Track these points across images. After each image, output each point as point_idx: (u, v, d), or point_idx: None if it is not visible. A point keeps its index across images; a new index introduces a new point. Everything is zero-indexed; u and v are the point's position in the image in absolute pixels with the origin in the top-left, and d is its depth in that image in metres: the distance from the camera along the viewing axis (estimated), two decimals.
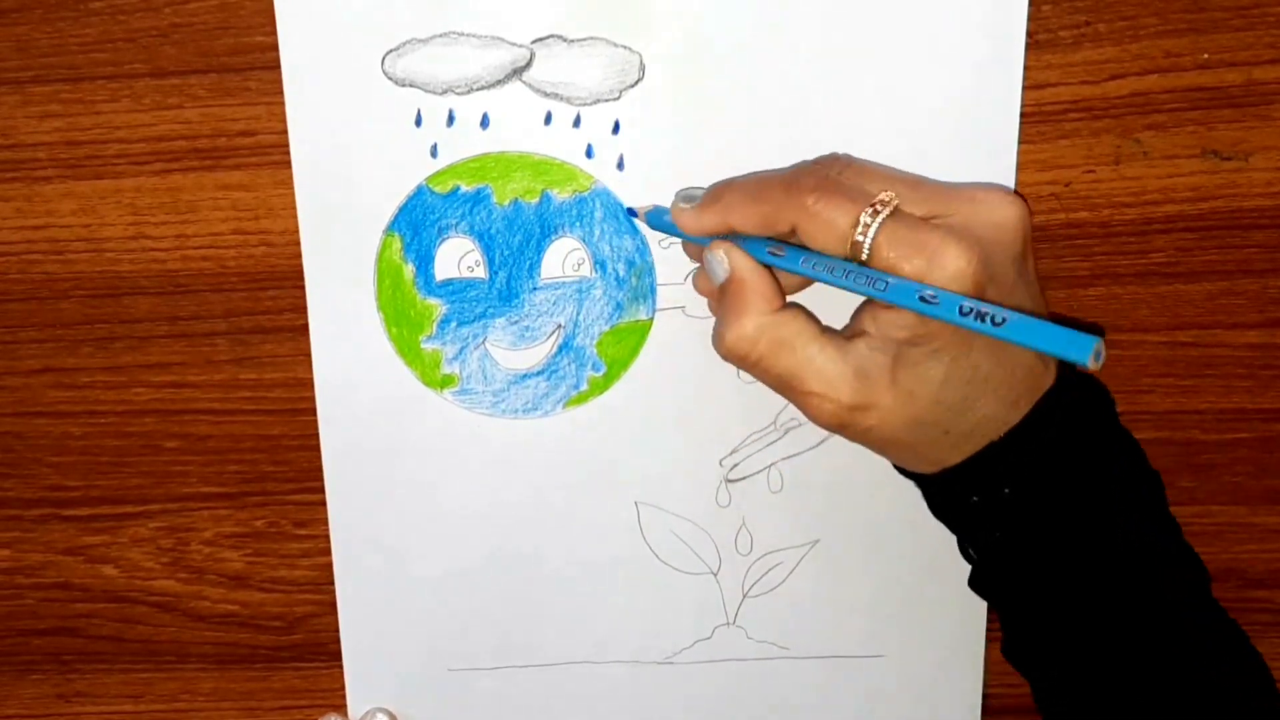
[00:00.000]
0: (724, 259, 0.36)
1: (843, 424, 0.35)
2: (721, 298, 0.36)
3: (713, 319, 0.43)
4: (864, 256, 0.33)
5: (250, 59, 0.41)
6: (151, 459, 0.46)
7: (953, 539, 0.39)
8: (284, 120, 0.41)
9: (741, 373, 0.43)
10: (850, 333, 0.36)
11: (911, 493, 0.45)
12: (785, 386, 0.35)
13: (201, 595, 0.48)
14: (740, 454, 0.45)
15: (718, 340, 0.36)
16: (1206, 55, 0.40)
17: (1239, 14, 0.40)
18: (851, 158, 0.37)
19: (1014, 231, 0.35)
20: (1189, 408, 0.44)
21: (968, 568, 0.40)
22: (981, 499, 0.36)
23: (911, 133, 0.41)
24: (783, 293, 0.36)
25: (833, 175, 0.35)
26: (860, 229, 0.32)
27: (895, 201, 0.33)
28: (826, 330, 0.36)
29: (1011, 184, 0.41)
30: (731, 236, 0.36)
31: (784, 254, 0.35)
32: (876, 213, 0.33)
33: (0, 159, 0.42)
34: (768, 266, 0.36)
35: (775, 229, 0.34)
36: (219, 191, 0.42)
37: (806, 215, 0.33)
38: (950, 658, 0.47)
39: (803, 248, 0.34)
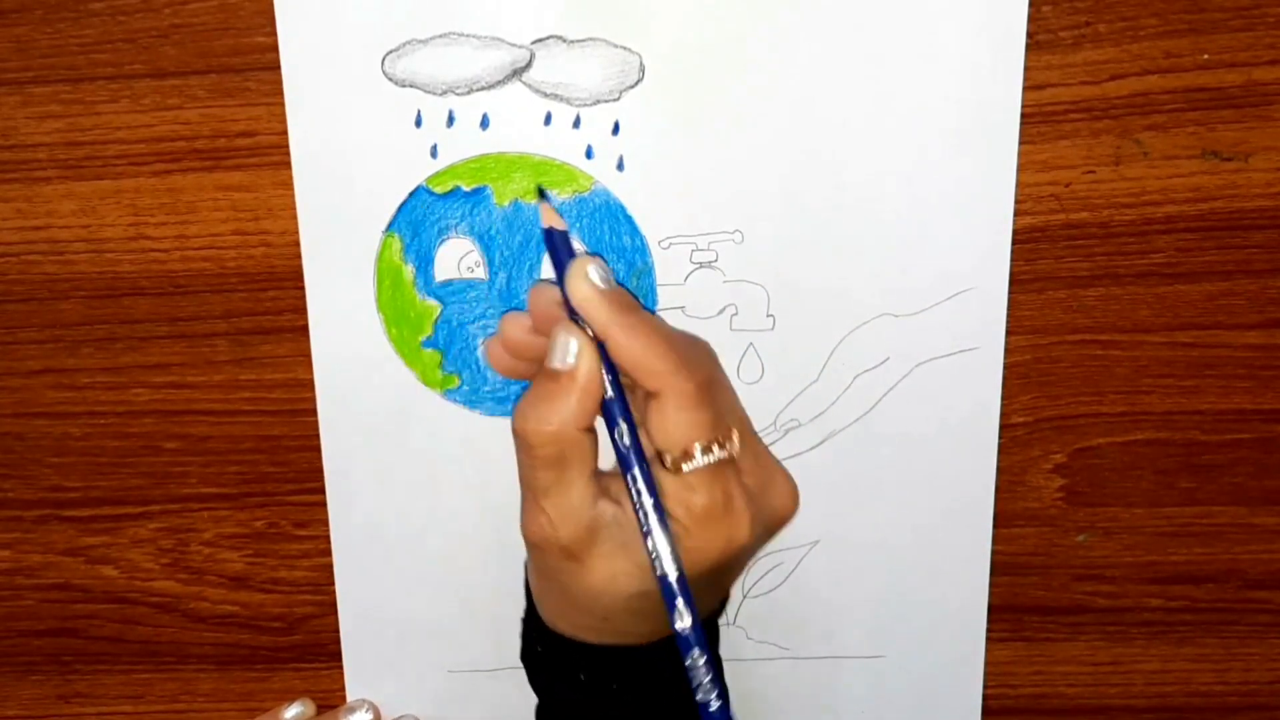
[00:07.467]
0: (577, 351, 0.33)
1: (544, 551, 0.34)
2: (541, 377, 0.34)
3: (712, 320, 0.43)
4: (676, 468, 0.32)
5: (250, 59, 0.41)
6: (151, 460, 0.46)
7: (953, 541, 0.39)
8: (284, 120, 0.41)
9: (742, 373, 0.43)
10: (613, 491, 0.35)
11: (911, 493, 0.45)
12: (530, 489, 0.34)
13: (201, 596, 0.48)
14: None
15: (518, 417, 0.33)
16: (1206, 55, 0.40)
17: (1239, 14, 0.40)
18: (723, 371, 0.36)
19: (780, 522, 0.36)
20: (1189, 408, 0.44)
21: (968, 568, 0.40)
22: (588, 679, 0.37)
23: (911, 133, 0.41)
24: (596, 415, 0.34)
25: (719, 381, 0.35)
26: (702, 449, 0.32)
27: (737, 451, 0.33)
28: (597, 473, 0.34)
29: (1011, 184, 0.41)
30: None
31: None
32: (722, 446, 0.33)
33: (0, 159, 0.42)
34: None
35: (641, 379, 0.33)
36: (219, 192, 0.42)
37: (677, 394, 0.32)
38: (950, 658, 0.47)
39: (623, 418, 0.34)
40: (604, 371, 0.33)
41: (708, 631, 0.39)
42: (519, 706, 0.48)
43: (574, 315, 0.34)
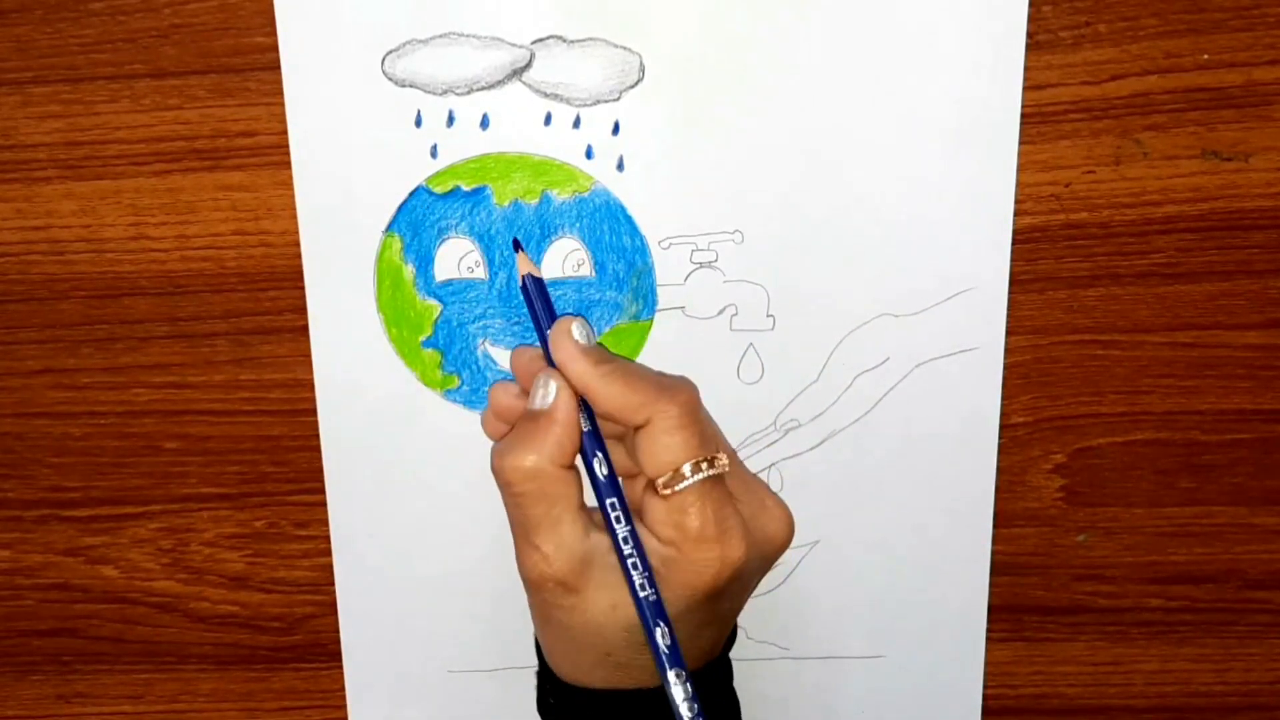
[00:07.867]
0: (554, 392, 0.35)
1: (542, 589, 0.35)
2: (522, 420, 0.36)
3: (712, 320, 0.43)
4: (666, 491, 0.33)
5: (250, 59, 0.41)
6: (151, 460, 0.46)
7: (953, 541, 0.39)
8: (284, 120, 0.41)
9: (742, 373, 0.43)
10: (602, 525, 0.35)
11: (911, 494, 0.45)
12: (520, 527, 0.35)
13: (201, 596, 0.48)
14: (740, 454, 0.44)
15: (496, 456, 0.35)
16: (1206, 55, 0.40)
17: (1239, 14, 0.40)
18: (703, 405, 0.37)
19: (776, 550, 0.37)
20: (1189, 408, 0.44)
21: (968, 568, 0.40)
22: None
23: (912, 133, 0.41)
24: (575, 453, 0.35)
25: (702, 408, 0.35)
26: (691, 467, 0.33)
27: (726, 469, 0.34)
28: (584, 507, 0.35)
29: (1011, 184, 0.41)
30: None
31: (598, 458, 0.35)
32: (712, 465, 0.34)
33: (0, 159, 0.42)
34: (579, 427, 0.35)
35: (627, 418, 0.34)
36: (219, 192, 0.42)
37: (662, 417, 0.33)
38: (950, 658, 0.47)
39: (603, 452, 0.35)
40: (580, 410, 0.35)
41: (722, 669, 0.39)
42: (519, 707, 0.48)
43: (554, 364, 0.36)
